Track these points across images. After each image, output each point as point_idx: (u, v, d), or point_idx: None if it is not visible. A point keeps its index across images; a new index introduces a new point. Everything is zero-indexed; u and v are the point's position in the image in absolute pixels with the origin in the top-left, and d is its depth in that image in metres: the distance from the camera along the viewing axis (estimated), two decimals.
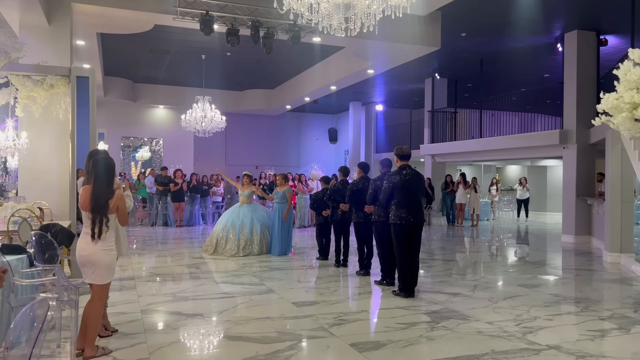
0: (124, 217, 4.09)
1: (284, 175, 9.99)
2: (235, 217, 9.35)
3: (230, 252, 9.04)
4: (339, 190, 8.14)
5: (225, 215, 9.65)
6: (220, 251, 9.12)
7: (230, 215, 9.48)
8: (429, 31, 10.68)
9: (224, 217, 9.61)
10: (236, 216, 9.36)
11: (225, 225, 9.30)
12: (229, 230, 9.22)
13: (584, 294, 6.49)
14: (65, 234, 5.40)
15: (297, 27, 9.32)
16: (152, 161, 19.55)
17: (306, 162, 22.65)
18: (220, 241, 9.19)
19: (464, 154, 16.33)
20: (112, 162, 4.06)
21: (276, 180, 10.36)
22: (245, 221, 9.27)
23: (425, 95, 17.47)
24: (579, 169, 12.01)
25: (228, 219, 9.39)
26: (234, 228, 9.22)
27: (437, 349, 4.27)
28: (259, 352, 4.11)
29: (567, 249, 10.77)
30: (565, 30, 11.93)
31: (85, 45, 11.29)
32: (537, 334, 4.66)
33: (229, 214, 9.55)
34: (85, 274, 4.00)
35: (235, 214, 9.41)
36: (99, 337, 4.24)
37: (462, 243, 12.07)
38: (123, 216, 4.07)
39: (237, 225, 9.23)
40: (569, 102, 12.16)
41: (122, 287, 6.48)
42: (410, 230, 6.08)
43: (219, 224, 9.56)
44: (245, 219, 9.29)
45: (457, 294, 6.25)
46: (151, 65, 15.90)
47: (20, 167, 8.19)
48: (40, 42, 8.09)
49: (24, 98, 6.69)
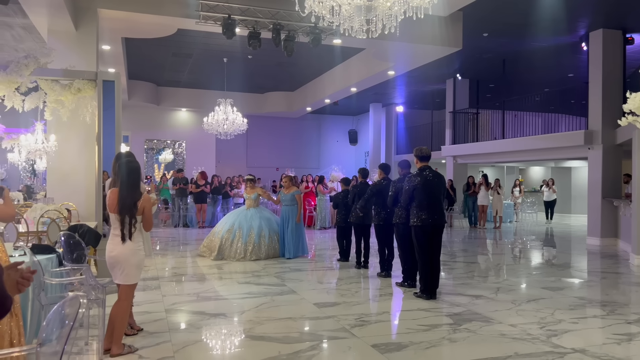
0: (148, 221, 4.13)
1: (290, 177, 9.74)
2: (242, 220, 9.03)
3: (235, 255, 8.73)
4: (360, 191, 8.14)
5: (229, 218, 9.29)
6: (226, 255, 8.78)
7: (236, 217, 9.14)
8: (450, 32, 10.61)
9: (228, 219, 9.27)
10: (243, 219, 9.03)
11: (231, 227, 8.94)
12: (236, 233, 8.87)
13: (610, 297, 6.37)
14: (92, 234, 5.52)
15: (318, 30, 9.36)
16: (175, 163, 19.81)
17: (326, 163, 22.67)
18: (225, 243, 8.82)
19: (486, 155, 16.16)
20: (137, 164, 4.14)
21: (281, 182, 10.01)
22: (253, 225, 8.95)
23: (447, 96, 17.35)
24: (604, 170, 11.79)
25: (234, 221, 9.04)
26: (241, 231, 8.88)
27: (459, 351, 4.25)
28: (281, 351, 4.14)
29: (592, 252, 10.58)
30: (590, 29, 11.73)
31: (110, 49, 11.52)
32: (562, 337, 4.60)
33: (234, 217, 9.20)
34: (114, 275, 4.08)
35: (242, 217, 9.08)
36: (125, 335, 4.33)
37: (484, 245, 11.95)
38: (148, 220, 4.11)
39: (244, 228, 8.90)
40: (594, 102, 11.95)
41: (147, 287, 6.60)
42: (431, 232, 6.05)
43: (221, 225, 9.19)
44: (254, 222, 8.99)
45: (479, 297, 6.20)
46: (174, 68, 16.13)
47: (48, 169, 8.40)
48: (67, 47, 8.29)
49: (52, 102, 6.85)
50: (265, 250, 8.91)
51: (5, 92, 6.53)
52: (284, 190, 9.45)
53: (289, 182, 9.48)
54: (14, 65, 6.41)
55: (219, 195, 15.47)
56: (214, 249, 8.87)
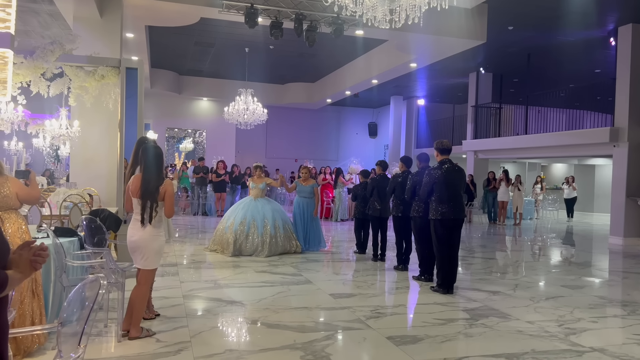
0: (169, 207, 4.11)
1: (308, 169, 9.37)
2: (254, 211, 8.36)
3: (255, 250, 8.17)
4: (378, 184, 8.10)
5: (238, 210, 8.50)
6: (243, 249, 8.18)
7: (246, 209, 8.42)
8: (474, 24, 10.45)
9: (237, 212, 8.47)
10: (255, 211, 8.38)
11: (244, 220, 8.26)
12: (250, 226, 8.23)
13: (631, 297, 6.25)
14: (113, 219, 5.61)
15: (340, 20, 9.30)
16: (195, 152, 19.98)
17: (345, 156, 22.64)
18: (240, 237, 8.17)
19: (508, 151, 15.94)
20: (161, 150, 4.19)
21: (300, 173, 9.35)
22: (267, 216, 8.35)
23: (469, 90, 17.14)
24: (630, 168, 11.54)
25: (245, 214, 8.34)
26: (255, 223, 8.25)
27: (475, 346, 4.22)
28: (296, 340, 4.17)
29: (614, 251, 10.39)
30: (619, 23, 11.44)
31: (134, 37, 11.63)
32: (580, 335, 4.53)
33: (243, 209, 8.47)
34: (135, 260, 4.14)
35: (253, 209, 8.40)
36: (143, 319, 4.39)
37: (503, 241, 11.82)
38: (170, 206, 4.11)
39: (258, 220, 8.27)
40: (621, 98, 11.68)
41: (165, 273, 6.68)
42: (450, 226, 6.00)
43: (231, 219, 8.41)
44: (267, 213, 8.39)
45: (497, 292, 6.14)
46: (196, 58, 16.23)
47: (72, 154, 8.53)
48: (92, 34, 8.38)
49: (76, 88, 6.95)
50: (282, 243, 8.38)
51: (32, 77, 6.64)
52: (301, 181, 9.11)
53: (308, 173, 9.18)
54: (40, 51, 6.51)
55: (238, 184, 15.58)
56: (227, 245, 8.23)
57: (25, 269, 1.83)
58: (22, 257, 1.82)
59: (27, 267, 1.83)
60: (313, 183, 9.10)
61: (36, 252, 1.84)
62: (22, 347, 3.53)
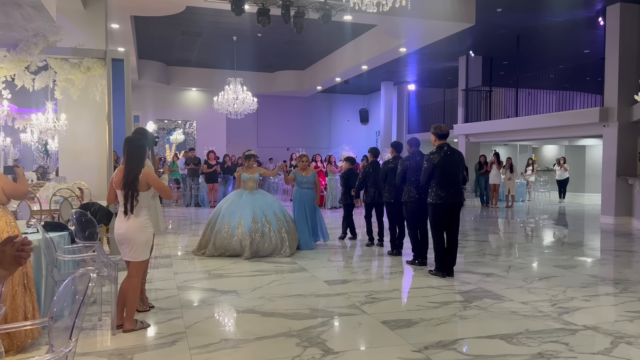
0: (163, 191, 4.12)
1: (308, 157, 8.61)
2: (263, 206, 7.37)
3: (270, 248, 7.20)
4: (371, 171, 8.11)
5: (239, 207, 7.31)
6: (259, 250, 7.15)
7: (251, 204, 7.31)
8: (462, 7, 10.40)
9: (240, 209, 7.27)
10: (263, 204, 7.40)
11: (254, 217, 7.20)
12: (263, 223, 7.22)
13: (623, 276, 6.31)
14: (104, 212, 5.56)
15: (327, 5, 9.22)
16: (186, 143, 19.86)
17: (337, 143, 22.60)
18: (255, 236, 7.12)
19: (499, 134, 15.98)
20: (142, 141, 4.15)
21: (299, 162, 8.42)
22: (275, 209, 7.48)
23: (459, 73, 17.11)
24: (619, 148, 11.60)
25: (253, 209, 7.26)
26: (268, 219, 7.28)
27: (469, 327, 4.24)
28: (291, 327, 4.17)
29: (606, 230, 10.48)
30: (607, 3, 11.43)
31: (119, 28, 11.47)
32: (574, 314, 4.57)
33: (245, 205, 7.31)
34: (123, 252, 4.12)
35: (261, 203, 7.40)
36: (137, 311, 4.38)
37: (496, 224, 11.88)
38: (162, 190, 4.12)
39: (269, 214, 7.32)
40: (610, 78, 11.70)
41: (159, 264, 6.66)
42: (450, 210, 6.04)
43: (234, 217, 7.22)
44: (274, 206, 7.52)
45: (490, 274, 6.18)
46: (183, 47, 16.06)
47: (60, 148, 8.44)
48: (76, 25, 8.25)
49: (62, 81, 6.84)
50: (289, 244, 7.37)
51: (16, 71, 6.54)
52: (300, 170, 8.26)
53: (308, 162, 8.40)
54: (23, 44, 6.39)
55: (230, 175, 15.52)
56: (240, 248, 7.10)
57: (10, 265, 1.79)
58: (6, 253, 1.79)
59: (11, 263, 1.79)
60: (313, 172, 8.40)
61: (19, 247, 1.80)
62: (16, 342, 3.50)
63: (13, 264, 1.80)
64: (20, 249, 1.80)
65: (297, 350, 3.70)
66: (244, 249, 7.08)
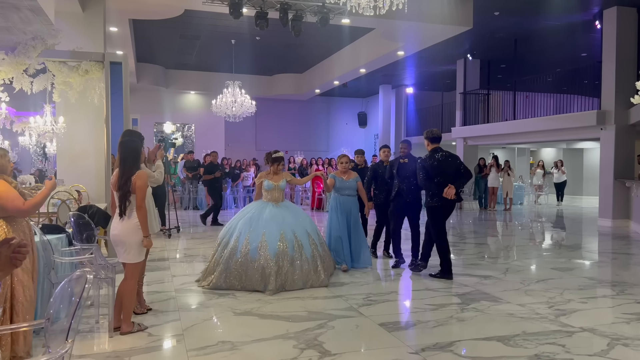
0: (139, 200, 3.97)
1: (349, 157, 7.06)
2: (293, 223, 5.73)
3: (303, 279, 5.53)
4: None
5: (260, 224, 5.62)
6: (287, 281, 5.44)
7: (278, 222, 5.65)
8: (460, 10, 10.43)
9: (263, 226, 5.59)
10: (294, 222, 5.76)
11: (282, 237, 5.54)
12: (294, 245, 5.57)
13: (620, 278, 6.32)
14: (101, 215, 5.57)
15: (325, 9, 9.24)
16: (184, 147, 19.86)
17: (335, 146, 22.60)
18: (283, 263, 5.44)
19: (497, 137, 16.01)
20: (136, 144, 4.15)
21: (339, 163, 6.92)
22: (306, 226, 5.87)
23: (457, 77, 17.14)
24: (617, 151, 11.63)
25: (281, 228, 5.60)
26: (299, 241, 5.63)
27: (467, 329, 4.25)
28: (289, 330, 4.17)
29: (603, 233, 10.50)
30: (604, 6, 11.47)
31: (118, 31, 11.48)
32: (571, 316, 4.58)
33: (269, 222, 5.63)
34: (118, 254, 4.13)
35: (290, 220, 5.75)
36: (135, 314, 4.38)
37: (494, 227, 11.90)
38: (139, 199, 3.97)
39: (300, 234, 5.69)
40: (608, 81, 11.74)
41: (157, 267, 6.66)
42: (449, 213, 6.14)
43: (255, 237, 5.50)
44: (304, 223, 5.92)
45: (488, 277, 6.19)
46: (182, 51, 16.07)
47: (58, 151, 8.44)
48: (74, 28, 8.26)
49: (60, 84, 6.86)
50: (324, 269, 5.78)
51: (14, 74, 6.55)
52: (340, 174, 6.83)
53: (348, 163, 6.91)
54: (21, 47, 6.42)
55: (229, 178, 15.51)
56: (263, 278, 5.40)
57: (5, 267, 1.80)
58: (2, 255, 1.79)
59: (6, 265, 1.80)
60: (356, 176, 6.85)
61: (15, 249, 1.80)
62: None
63: (8, 265, 1.81)
64: (16, 251, 1.80)
65: (295, 352, 3.70)
66: (266, 279, 5.38)
